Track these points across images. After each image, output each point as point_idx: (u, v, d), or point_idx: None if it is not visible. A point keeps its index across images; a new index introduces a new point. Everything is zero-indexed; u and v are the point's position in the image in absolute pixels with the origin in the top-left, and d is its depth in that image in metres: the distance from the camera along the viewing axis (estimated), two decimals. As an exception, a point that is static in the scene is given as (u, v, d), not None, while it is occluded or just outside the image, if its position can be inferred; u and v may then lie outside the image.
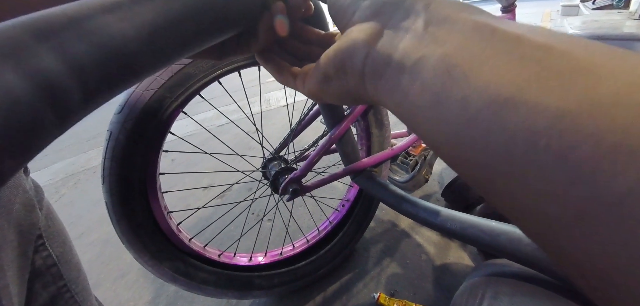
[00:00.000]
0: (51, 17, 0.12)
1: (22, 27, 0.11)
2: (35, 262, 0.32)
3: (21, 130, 0.10)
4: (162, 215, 0.58)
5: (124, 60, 0.13)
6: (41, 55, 0.11)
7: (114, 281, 0.97)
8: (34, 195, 0.33)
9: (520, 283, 0.34)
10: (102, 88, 0.13)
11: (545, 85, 0.09)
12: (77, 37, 0.12)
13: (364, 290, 0.76)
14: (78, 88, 0.12)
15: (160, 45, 0.15)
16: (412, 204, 0.54)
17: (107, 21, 0.13)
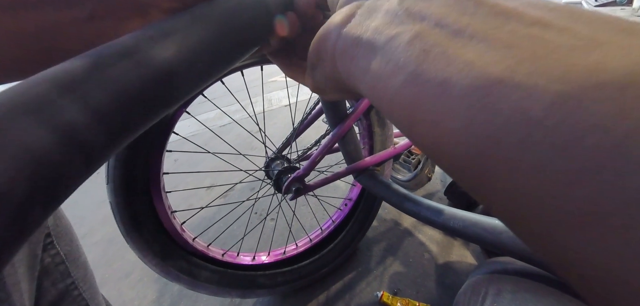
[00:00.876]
0: (74, 69, 0.12)
1: (46, 82, 0.11)
2: (43, 260, 0.33)
3: (50, 181, 0.11)
4: (166, 215, 0.58)
5: (143, 103, 0.14)
6: (65, 107, 0.11)
7: (118, 281, 0.98)
8: None
9: (523, 280, 0.34)
10: (124, 130, 0.13)
11: (541, 65, 0.07)
12: (97, 86, 0.12)
13: (367, 289, 0.76)
14: (102, 134, 0.12)
15: (177, 85, 0.15)
16: (415, 203, 0.54)
17: (125, 68, 0.13)
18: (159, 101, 0.14)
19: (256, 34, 0.19)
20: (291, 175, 0.62)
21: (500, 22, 0.09)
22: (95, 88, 0.12)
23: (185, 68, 0.15)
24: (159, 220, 0.58)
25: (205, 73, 0.16)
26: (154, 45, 0.14)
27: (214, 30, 0.16)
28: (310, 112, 0.80)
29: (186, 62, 0.15)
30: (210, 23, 0.16)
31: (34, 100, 0.11)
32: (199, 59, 0.16)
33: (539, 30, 0.08)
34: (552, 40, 0.08)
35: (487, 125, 0.08)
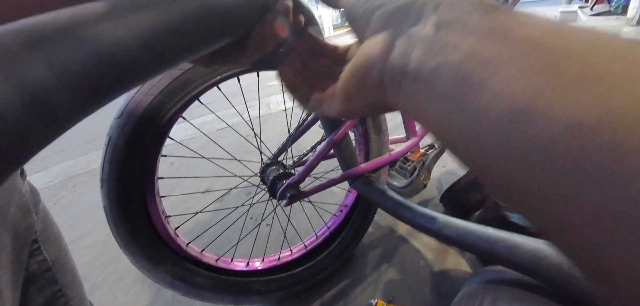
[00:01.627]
0: (43, 25, 0.11)
1: (12, 35, 0.11)
2: (30, 266, 0.32)
3: (4, 140, 0.10)
4: (160, 220, 0.58)
5: (119, 68, 0.13)
6: (29, 64, 0.10)
7: (111, 285, 0.97)
8: (30, 198, 0.33)
9: (518, 290, 0.34)
10: (93, 96, 0.13)
11: (560, 94, 0.09)
12: (68, 45, 0.11)
13: (362, 296, 0.75)
14: (67, 97, 0.11)
15: (157, 52, 0.15)
16: (410, 210, 0.54)
17: (102, 29, 0.12)
18: (136, 66, 0.14)
19: (239, 23, 0.19)
20: (286, 181, 0.62)
21: (525, 51, 0.10)
22: (64, 48, 0.11)
23: (161, 41, 0.15)
24: (153, 224, 0.57)
25: (188, 41, 0.16)
26: (131, 13, 0.13)
27: (196, 10, 0.16)
28: (307, 117, 0.80)
29: (166, 33, 0.15)
30: (193, 2, 0.16)
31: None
32: (176, 34, 0.15)
33: (559, 59, 0.10)
34: (570, 69, 0.09)
35: (517, 143, 0.10)
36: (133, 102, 0.48)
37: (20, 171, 0.33)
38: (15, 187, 0.31)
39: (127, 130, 0.48)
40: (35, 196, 0.35)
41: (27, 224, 0.31)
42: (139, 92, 0.48)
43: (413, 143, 0.82)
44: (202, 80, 0.52)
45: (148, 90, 0.48)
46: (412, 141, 0.82)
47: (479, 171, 0.12)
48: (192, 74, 0.51)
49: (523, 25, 0.11)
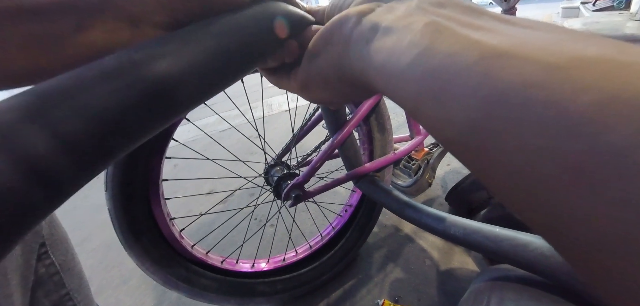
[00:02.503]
0: (46, 92, 0.11)
1: (11, 109, 0.11)
2: (38, 270, 0.32)
3: (8, 216, 0.10)
4: (165, 222, 0.58)
5: (122, 131, 0.13)
6: (30, 136, 0.10)
7: (116, 288, 0.97)
8: None
9: (525, 288, 0.33)
10: (98, 159, 0.12)
11: (538, 45, 0.09)
12: (70, 112, 0.11)
13: (368, 296, 0.75)
14: (71, 164, 0.11)
15: (162, 110, 0.14)
16: (415, 210, 0.53)
17: (103, 91, 0.12)
18: (138, 127, 0.13)
19: (254, 56, 0.19)
20: (291, 182, 0.62)
21: (502, 21, 0.11)
22: (66, 115, 0.11)
23: (173, 92, 0.14)
24: (158, 227, 0.57)
25: (193, 98, 0.15)
26: (138, 68, 0.13)
27: (207, 53, 0.15)
28: (310, 118, 0.80)
29: (175, 86, 0.14)
30: (203, 44, 0.16)
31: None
32: (188, 83, 0.15)
33: (533, 24, 0.10)
34: (545, 31, 0.10)
35: (493, 89, 0.09)
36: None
37: None
38: None
39: (132, 133, 0.48)
40: None
41: (35, 229, 0.31)
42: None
43: (417, 142, 0.81)
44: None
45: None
46: (416, 140, 0.82)
47: (446, 130, 0.11)
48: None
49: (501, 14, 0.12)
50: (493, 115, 0.09)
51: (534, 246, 0.34)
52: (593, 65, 0.08)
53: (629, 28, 2.36)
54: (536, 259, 0.33)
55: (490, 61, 0.09)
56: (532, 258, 0.33)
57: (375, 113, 0.68)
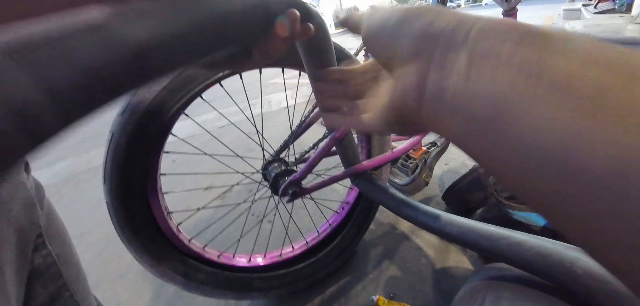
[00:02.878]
0: (31, 37, 0.11)
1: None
2: (34, 261, 0.32)
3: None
4: (163, 216, 0.58)
5: (109, 81, 0.13)
6: (15, 78, 0.10)
7: (113, 281, 0.98)
8: (35, 193, 0.33)
9: (521, 287, 0.33)
10: (81, 109, 0.12)
11: (597, 129, 0.09)
12: (57, 58, 0.11)
13: (363, 293, 0.75)
14: (54, 111, 0.11)
15: (149, 64, 0.14)
16: (412, 208, 0.53)
17: (93, 41, 0.12)
18: (120, 82, 0.13)
19: (240, 35, 0.19)
20: (288, 178, 0.62)
21: (561, 90, 0.10)
22: (53, 61, 0.11)
23: (155, 53, 0.14)
24: (156, 221, 0.57)
25: (174, 61, 0.16)
26: (125, 25, 0.13)
27: (193, 21, 0.16)
28: (309, 115, 0.80)
29: (157, 48, 0.14)
30: (191, 12, 0.16)
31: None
32: (171, 46, 0.15)
33: (595, 93, 0.10)
34: (607, 104, 0.09)
35: (555, 176, 0.10)
36: (136, 98, 0.48)
37: (25, 166, 0.33)
38: (20, 182, 0.31)
39: (130, 128, 0.49)
40: (39, 191, 0.35)
41: (31, 219, 0.31)
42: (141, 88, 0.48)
43: (415, 141, 0.82)
44: (204, 77, 0.52)
45: (150, 87, 0.48)
46: (414, 139, 0.82)
47: (518, 192, 0.13)
48: (195, 71, 0.51)
49: (557, 56, 0.11)
50: (556, 197, 0.11)
51: (530, 245, 0.34)
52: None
53: (629, 31, 2.36)
54: (532, 258, 0.33)
55: (551, 153, 0.10)
56: (528, 257, 0.33)
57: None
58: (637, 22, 2.61)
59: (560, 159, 0.10)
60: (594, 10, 3.75)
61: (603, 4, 3.92)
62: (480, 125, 0.13)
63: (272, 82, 3.28)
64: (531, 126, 0.11)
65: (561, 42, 0.11)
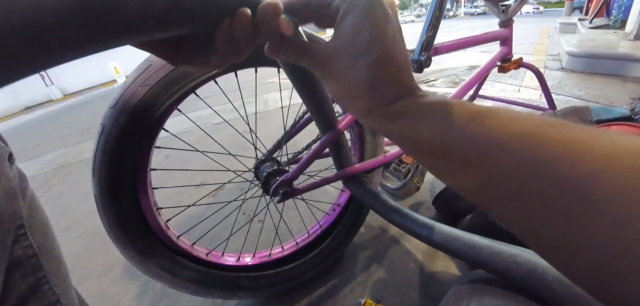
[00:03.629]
0: None
1: None
2: (14, 252, 0.32)
3: None
4: (151, 211, 0.58)
5: (54, 39, 0.12)
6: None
7: (99, 276, 0.96)
8: (17, 183, 0.33)
9: (504, 292, 0.34)
10: (22, 67, 0.12)
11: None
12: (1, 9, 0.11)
13: (350, 295, 0.76)
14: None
15: (86, 24, 0.13)
16: (401, 214, 0.54)
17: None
18: (70, 38, 0.12)
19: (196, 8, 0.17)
20: (279, 178, 0.62)
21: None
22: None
23: (113, 9, 0.13)
24: (144, 216, 0.57)
25: (133, 24, 0.14)
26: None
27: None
28: (303, 115, 0.80)
29: (116, 5, 0.13)
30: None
31: None
32: (129, 5, 0.14)
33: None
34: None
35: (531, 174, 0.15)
36: (128, 92, 0.48)
37: (9, 156, 0.33)
38: (1, 172, 0.30)
39: (121, 120, 0.48)
40: (23, 181, 0.35)
41: (12, 209, 0.31)
42: (134, 82, 0.48)
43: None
44: (199, 73, 0.52)
45: (144, 81, 0.48)
46: (406, 144, 0.83)
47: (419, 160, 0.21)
48: (189, 67, 0.50)
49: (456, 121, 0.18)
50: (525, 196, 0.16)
51: (507, 254, 0.36)
52: None
53: (623, 47, 2.41)
54: (509, 266, 0.35)
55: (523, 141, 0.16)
56: (506, 265, 0.35)
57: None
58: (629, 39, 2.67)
59: (429, 143, 0.19)
60: (590, 25, 3.83)
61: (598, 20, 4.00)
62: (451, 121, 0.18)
63: (270, 81, 3.27)
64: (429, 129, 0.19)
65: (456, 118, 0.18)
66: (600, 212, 0.13)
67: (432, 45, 0.74)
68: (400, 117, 0.20)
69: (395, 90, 0.21)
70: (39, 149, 2.51)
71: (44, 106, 6.83)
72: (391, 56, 0.20)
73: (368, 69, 0.20)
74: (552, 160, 0.14)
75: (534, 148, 0.15)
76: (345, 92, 0.22)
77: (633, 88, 1.87)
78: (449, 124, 0.18)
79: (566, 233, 0.14)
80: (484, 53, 3.41)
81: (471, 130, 0.17)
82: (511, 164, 0.15)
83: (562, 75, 2.37)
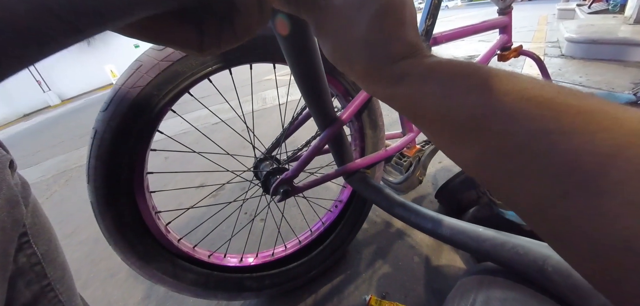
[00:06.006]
0: None
1: None
2: (18, 260, 0.31)
3: None
4: (150, 215, 0.57)
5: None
6: None
7: (103, 281, 0.96)
8: (20, 191, 0.32)
9: (512, 284, 0.34)
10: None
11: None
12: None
13: (356, 292, 0.75)
14: None
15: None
16: (404, 208, 0.53)
17: None
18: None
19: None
20: (279, 177, 0.61)
21: None
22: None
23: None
24: (143, 220, 0.56)
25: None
26: None
27: None
28: (301, 112, 0.79)
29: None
30: None
31: None
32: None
33: None
34: None
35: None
36: (120, 94, 0.47)
37: (10, 163, 0.32)
38: (3, 179, 0.30)
39: (114, 124, 0.47)
40: (25, 189, 0.34)
41: (14, 217, 0.30)
42: (125, 84, 0.47)
43: (409, 139, 0.81)
44: (191, 72, 0.50)
45: (135, 82, 0.47)
46: (408, 137, 0.82)
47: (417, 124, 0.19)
48: (181, 65, 0.49)
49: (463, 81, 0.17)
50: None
51: (510, 245, 0.35)
52: None
53: (622, 31, 2.38)
54: (512, 257, 0.35)
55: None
56: (509, 256, 0.35)
57: (368, 110, 0.68)
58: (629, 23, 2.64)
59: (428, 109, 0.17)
60: (588, 10, 3.79)
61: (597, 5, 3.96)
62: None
63: (266, 79, 3.25)
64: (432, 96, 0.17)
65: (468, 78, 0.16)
66: (612, 194, 0.11)
67: (431, 34, 0.72)
68: (405, 79, 0.18)
69: (399, 49, 0.18)
70: (38, 156, 2.51)
71: (42, 112, 6.82)
72: (395, 8, 0.18)
73: (369, 22, 0.18)
74: (569, 132, 0.12)
75: (551, 118, 0.13)
76: (343, 50, 0.20)
77: (634, 73, 1.85)
78: (460, 88, 0.16)
79: (574, 214, 0.12)
80: (482, 42, 3.38)
81: (484, 96, 0.15)
82: (525, 133, 0.14)
83: (563, 62, 2.35)
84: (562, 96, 0.13)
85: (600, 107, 0.13)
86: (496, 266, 0.39)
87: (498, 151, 0.15)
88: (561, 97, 0.13)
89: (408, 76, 0.18)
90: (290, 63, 0.42)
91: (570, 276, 0.29)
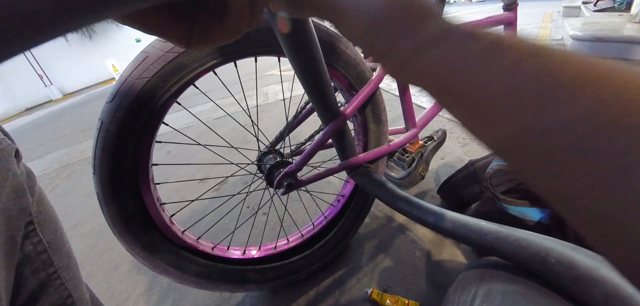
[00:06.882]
0: None
1: None
2: (25, 248, 0.32)
3: None
4: (155, 207, 0.57)
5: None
6: None
7: (107, 273, 0.97)
8: (25, 180, 0.33)
9: (514, 277, 0.34)
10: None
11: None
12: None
13: (357, 285, 0.76)
14: None
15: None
16: (407, 202, 0.53)
17: None
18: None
19: None
20: (283, 170, 0.61)
21: None
22: None
23: None
24: (148, 212, 0.56)
25: None
26: None
27: None
28: (305, 106, 0.79)
29: None
30: None
31: None
32: None
33: None
34: None
35: None
36: (125, 85, 0.47)
37: (15, 153, 0.33)
38: (9, 168, 0.30)
39: (119, 116, 0.47)
40: (31, 178, 0.35)
41: (20, 205, 0.31)
42: (131, 75, 0.47)
43: (412, 134, 0.81)
44: (197, 64, 0.50)
45: (140, 74, 0.47)
46: (411, 132, 0.82)
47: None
48: (186, 57, 0.49)
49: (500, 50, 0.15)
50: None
51: (513, 238, 0.35)
52: None
53: (628, 29, 2.36)
54: (515, 250, 0.35)
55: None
56: (512, 249, 0.35)
57: (371, 104, 0.68)
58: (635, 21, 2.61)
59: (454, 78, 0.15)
60: (594, 8, 3.74)
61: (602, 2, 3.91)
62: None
63: (269, 73, 3.25)
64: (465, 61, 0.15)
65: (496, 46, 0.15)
66: None
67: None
68: (439, 42, 0.15)
69: (422, 8, 0.16)
70: (41, 150, 2.52)
71: (44, 107, 6.84)
72: None
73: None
74: (625, 113, 0.11)
75: (607, 96, 0.12)
76: (368, 24, 0.17)
77: (639, 70, 1.84)
78: (502, 57, 0.14)
79: (615, 199, 0.11)
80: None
81: (540, 63, 0.13)
82: (577, 112, 0.12)
83: (567, 59, 2.33)
84: (618, 70, 0.13)
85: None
86: (498, 260, 0.39)
87: (545, 129, 0.13)
88: (617, 71, 0.13)
89: (449, 35, 0.15)
90: (292, 60, 0.42)
91: (573, 267, 0.29)
